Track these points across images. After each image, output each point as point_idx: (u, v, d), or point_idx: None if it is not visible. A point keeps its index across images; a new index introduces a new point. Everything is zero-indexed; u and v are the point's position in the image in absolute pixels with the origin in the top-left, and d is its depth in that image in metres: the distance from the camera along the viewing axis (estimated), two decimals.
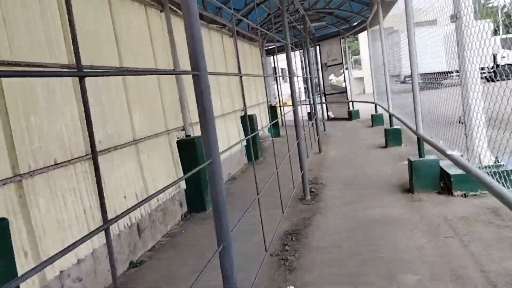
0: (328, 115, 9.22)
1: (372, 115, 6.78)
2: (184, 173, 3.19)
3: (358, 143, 5.45)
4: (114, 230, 2.39)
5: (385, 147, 4.87)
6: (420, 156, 3.00)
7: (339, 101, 8.61)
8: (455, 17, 2.20)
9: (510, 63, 2.09)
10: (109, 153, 2.41)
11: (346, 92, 8.23)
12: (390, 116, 5.07)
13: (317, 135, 5.44)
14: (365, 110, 7.90)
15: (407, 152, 4.27)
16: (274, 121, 6.38)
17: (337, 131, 6.87)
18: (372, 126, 6.69)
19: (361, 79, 20.50)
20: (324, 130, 6.87)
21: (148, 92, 3.04)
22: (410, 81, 3.02)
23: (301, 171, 3.15)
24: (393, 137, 4.84)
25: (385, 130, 4.94)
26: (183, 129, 3.38)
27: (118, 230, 2.42)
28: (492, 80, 1.87)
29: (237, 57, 1.50)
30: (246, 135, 4.96)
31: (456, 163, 2.10)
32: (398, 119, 4.37)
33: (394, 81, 5.33)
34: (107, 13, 2.66)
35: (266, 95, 6.82)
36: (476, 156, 2.45)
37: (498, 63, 2.28)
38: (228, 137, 4.68)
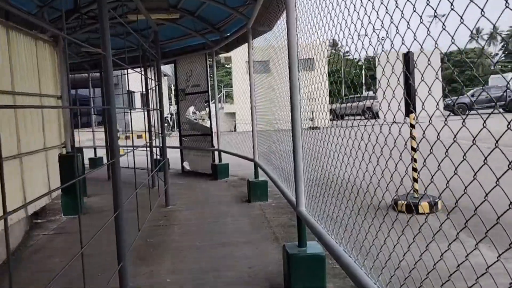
0: (182, 167, 10.79)
1: (249, 182, 7.19)
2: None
3: (224, 262, 4.62)
4: None
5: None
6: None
7: (199, 148, 10.38)
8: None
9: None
10: None
11: (211, 134, 10.10)
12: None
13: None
14: (239, 165, 9.88)
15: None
16: (68, 184, 6.27)
17: (190, 206, 7.23)
18: (249, 200, 7.15)
19: (232, 114, 26.16)
20: (166, 204, 7.13)
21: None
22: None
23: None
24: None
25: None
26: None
27: None
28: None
29: None
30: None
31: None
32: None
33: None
34: None
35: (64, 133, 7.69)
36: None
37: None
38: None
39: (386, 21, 2.20)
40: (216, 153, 9.83)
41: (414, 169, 5.96)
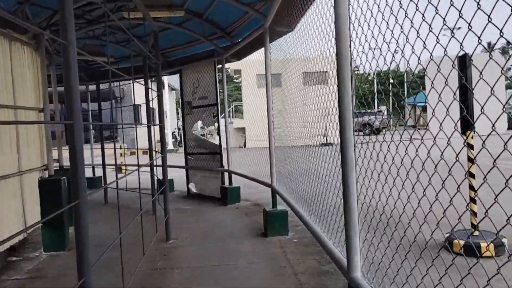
0: (188, 189, 9.65)
1: (266, 212, 5.92)
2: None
3: None
4: None
5: None
6: None
7: (207, 168, 9.24)
8: None
9: None
10: None
11: (220, 152, 8.95)
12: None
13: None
14: (250, 186, 8.70)
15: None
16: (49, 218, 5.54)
17: (195, 240, 6.03)
18: (266, 234, 5.94)
19: (242, 130, 25.43)
20: (167, 237, 5.96)
21: None
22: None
23: None
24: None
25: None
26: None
27: None
28: None
29: None
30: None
31: None
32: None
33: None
34: None
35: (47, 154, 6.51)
36: None
37: None
38: None
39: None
40: (226, 174, 8.68)
41: (473, 200, 4.79)
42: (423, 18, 2.03)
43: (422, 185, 2.11)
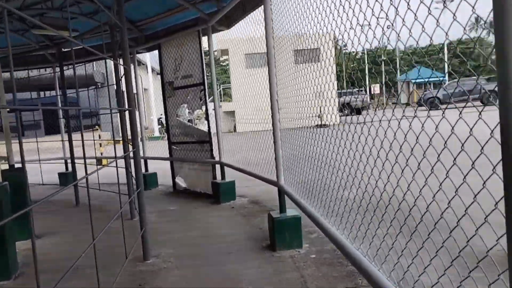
0: (174, 183, 8.27)
1: (272, 219, 4.55)
2: None
3: None
4: None
5: None
6: None
7: (195, 160, 7.82)
8: None
9: None
10: None
11: (210, 140, 7.50)
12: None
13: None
14: (246, 178, 7.19)
15: None
16: None
17: (181, 257, 4.57)
18: (273, 247, 4.53)
19: (231, 113, 24.15)
20: (144, 256, 4.51)
21: None
22: None
23: None
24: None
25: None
26: None
27: None
28: None
29: None
30: None
31: None
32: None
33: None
34: None
35: None
36: None
37: None
38: None
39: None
40: (218, 166, 7.27)
41: None
42: None
43: None
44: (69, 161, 10.36)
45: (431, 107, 2.09)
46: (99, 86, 26.49)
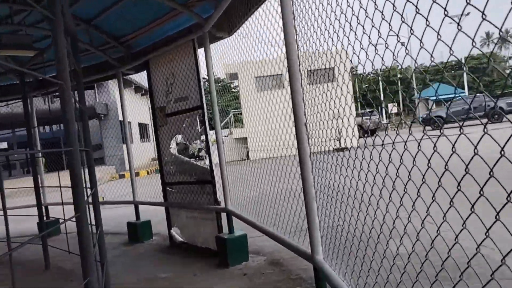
0: (171, 236, 6.52)
1: None
2: None
3: None
4: None
5: None
6: None
7: (193, 207, 6.05)
8: None
9: None
10: None
11: (212, 181, 5.72)
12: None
13: None
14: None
15: None
16: None
17: None
18: None
19: (243, 140, 22.59)
20: None
21: None
22: None
23: None
24: None
25: None
26: None
27: None
28: None
29: None
30: None
31: None
32: None
33: None
34: None
35: None
36: None
37: None
38: None
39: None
40: (224, 215, 5.49)
41: None
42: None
43: None
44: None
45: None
46: (102, 118, 25.10)
